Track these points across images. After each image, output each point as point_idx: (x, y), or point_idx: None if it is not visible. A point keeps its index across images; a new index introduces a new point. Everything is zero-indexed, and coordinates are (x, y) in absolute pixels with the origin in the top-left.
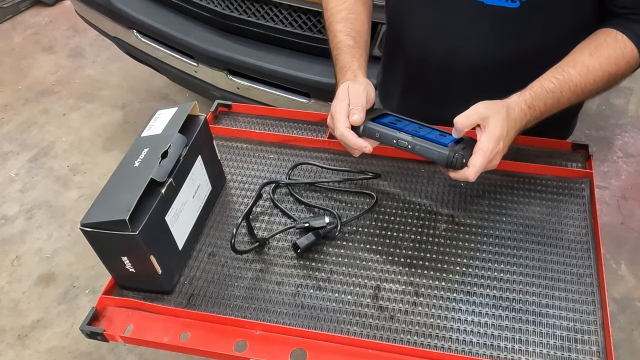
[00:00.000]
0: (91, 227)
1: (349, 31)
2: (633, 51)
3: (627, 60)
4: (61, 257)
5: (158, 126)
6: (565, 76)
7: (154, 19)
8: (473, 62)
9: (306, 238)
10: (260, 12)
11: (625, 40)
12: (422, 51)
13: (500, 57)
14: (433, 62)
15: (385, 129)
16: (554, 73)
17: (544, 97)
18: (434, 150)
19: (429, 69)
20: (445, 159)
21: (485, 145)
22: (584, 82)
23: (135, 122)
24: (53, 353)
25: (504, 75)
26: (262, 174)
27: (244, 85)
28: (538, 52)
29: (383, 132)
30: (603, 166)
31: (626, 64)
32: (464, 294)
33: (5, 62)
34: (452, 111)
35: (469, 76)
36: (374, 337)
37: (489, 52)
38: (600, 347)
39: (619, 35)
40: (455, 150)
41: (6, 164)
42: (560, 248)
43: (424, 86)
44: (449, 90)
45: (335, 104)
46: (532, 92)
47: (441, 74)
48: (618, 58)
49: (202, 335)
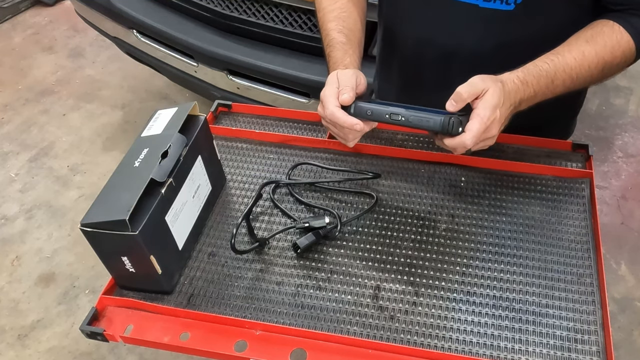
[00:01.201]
0: (91, 227)
1: (341, 29)
2: (629, 42)
3: (622, 50)
4: (61, 257)
5: (158, 126)
6: (560, 59)
7: (154, 19)
8: (468, 62)
9: (306, 238)
10: (260, 12)
11: (622, 31)
12: (418, 51)
13: (496, 58)
14: (428, 62)
15: (376, 106)
16: (549, 56)
17: (537, 75)
18: (428, 118)
19: (425, 69)
20: (440, 124)
21: (482, 111)
22: (578, 67)
23: (135, 122)
24: (53, 353)
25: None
26: (262, 174)
27: (244, 85)
28: (533, 53)
29: (375, 108)
30: (603, 166)
31: (622, 54)
32: (464, 294)
33: (5, 62)
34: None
35: (465, 76)
36: (374, 337)
37: (484, 53)
38: (600, 347)
39: (615, 25)
40: (450, 115)
41: (6, 164)
42: (560, 248)
43: (420, 86)
44: (445, 89)
45: (324, 89)
46: (525, 70)
47: (437, 74)
48: (614, 47)
49: (202, 335)
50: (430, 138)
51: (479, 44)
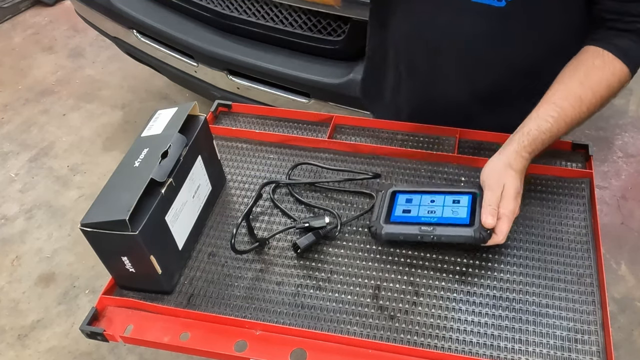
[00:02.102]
0: (91, 227)
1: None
2: (623, 69)
3: (618, 78)
4: (61, 257)
5: (158, 126)
6: (560, 112)
7: (154, 19)
8: (459, 57)
9: (306, 238)
10: (260, 12)
11: (613, 60)
12: (408, 46)
13: (487, 54)
14: (419, 57)
15: (405, 229)
16: (548, 111)
17: (541, 140)
18: (460, 236)
19: (416, 64)
20: (473, 240)
21: (507, 209)
22: (578, 114)
23: (135, 122)
24: (53, 353)
25: (493, 70)
26: (262, 174)
27: (244, 85)
28: (525, 51)
29: (405, 232)
30: (603, 166)
31: (618, 82)
32: (464, 294)
33: (5, 62)
34: (442, 92)
35: (455, 70)
36: (374, 337)
37: (475, 48)
38: (600, 347)
39: (605, 54)
40: (479, 230)
41: (6, 164)
42: (560, 248)
43: (412, 80)
44: (436, 83)
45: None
46: (529, 138)
47: (428, 68)
48: (609, 80)
49: (202, 335)
50: (430, 139)
51: (470, 39)
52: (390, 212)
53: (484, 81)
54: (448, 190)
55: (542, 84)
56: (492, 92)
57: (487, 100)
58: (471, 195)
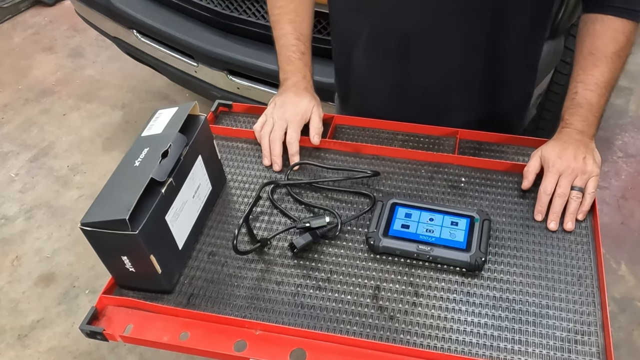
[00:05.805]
0: (91, 226)
1: (299, 35)
2: (623, 23)
3: (622, 33)
4: (61, 257)
5: (158, 126)
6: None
7: (154, 19)
8: (424, 45)
9: (303, 238)
10: (260, 12)
11: (609, 20)
12: (374, 40)
13: (464, 44)
14: (387, 48)
15: (403, 244)
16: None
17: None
18: (456, 260)
19: (383, 55)
20: (468, 266)
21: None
22: (607, 81)
23: (135, 122)
24: (53, 353)
25: (467, 56)
26: (262, 174)
27: (244, 85)
28: (496, 37)
29: (402, 249)
30: (603, 166)
31: (625, 37)
32: (464, 294)
33: (5, 62)
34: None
35: (424, 56)
36: (374, 337)
37: (442, 33)
38: (600, 347)
39: (602, 18)
40: (475, 256)
41: (6, 164)
42: (560, 248)
43: (378, 74)
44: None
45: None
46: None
47: (395, 58)
48: (615, 38)
49: (202, 335)
50: (431, 139)
51: (434, 26)
52: (389, 225)
53: (460, 62)
54: (447, 210)
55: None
56: (464, 69)
57: (459, 85)
58: (469, 219)
